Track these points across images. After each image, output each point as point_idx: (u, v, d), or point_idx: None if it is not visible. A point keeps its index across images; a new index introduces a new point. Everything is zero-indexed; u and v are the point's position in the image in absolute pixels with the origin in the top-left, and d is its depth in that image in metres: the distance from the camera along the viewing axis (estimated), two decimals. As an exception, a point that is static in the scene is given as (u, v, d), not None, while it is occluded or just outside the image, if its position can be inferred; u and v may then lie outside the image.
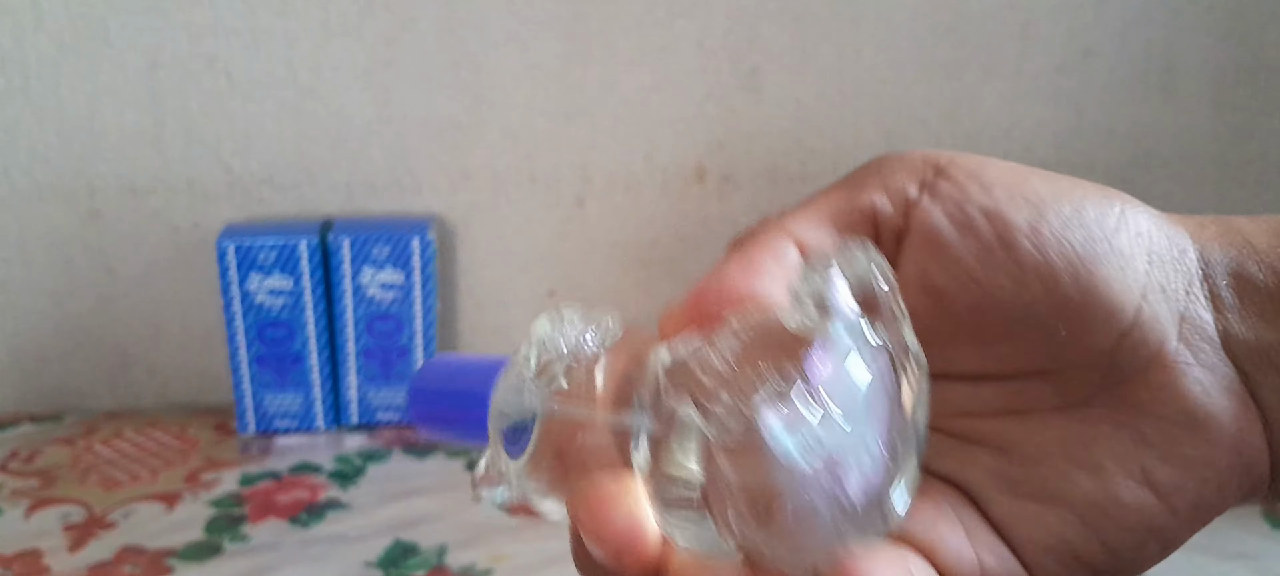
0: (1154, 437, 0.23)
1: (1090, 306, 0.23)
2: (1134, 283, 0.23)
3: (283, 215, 0.78)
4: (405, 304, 0.74)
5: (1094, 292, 0.23)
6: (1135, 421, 0.23)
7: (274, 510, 0.63)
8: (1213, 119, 0.86)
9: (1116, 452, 0.23)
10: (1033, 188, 0.24)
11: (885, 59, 0.81)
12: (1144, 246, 0.23)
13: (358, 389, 0.75)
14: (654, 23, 0.77)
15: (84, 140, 0.75)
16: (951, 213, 0.24)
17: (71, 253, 0.77)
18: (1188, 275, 0.23)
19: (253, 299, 0.72)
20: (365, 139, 0.77)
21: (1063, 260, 0.23)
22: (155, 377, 0.81)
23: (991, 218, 0.23)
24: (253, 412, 0.74)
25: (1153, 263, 0.23)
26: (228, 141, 0.76)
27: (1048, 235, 0.23)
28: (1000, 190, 0.24)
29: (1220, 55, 0.84)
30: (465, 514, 0.63)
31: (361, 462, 0.70)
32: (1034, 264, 0.23)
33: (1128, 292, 0.23)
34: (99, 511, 0.63)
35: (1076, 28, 0.82)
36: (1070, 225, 0.23)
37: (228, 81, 0.75)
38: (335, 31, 0.75)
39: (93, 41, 0.73)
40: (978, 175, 0.24)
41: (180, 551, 0.59)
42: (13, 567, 0.57)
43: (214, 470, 0.69)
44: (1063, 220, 0.23)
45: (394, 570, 0.57)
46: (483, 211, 0.80)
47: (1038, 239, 0.23)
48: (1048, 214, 0.23)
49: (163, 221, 0.77)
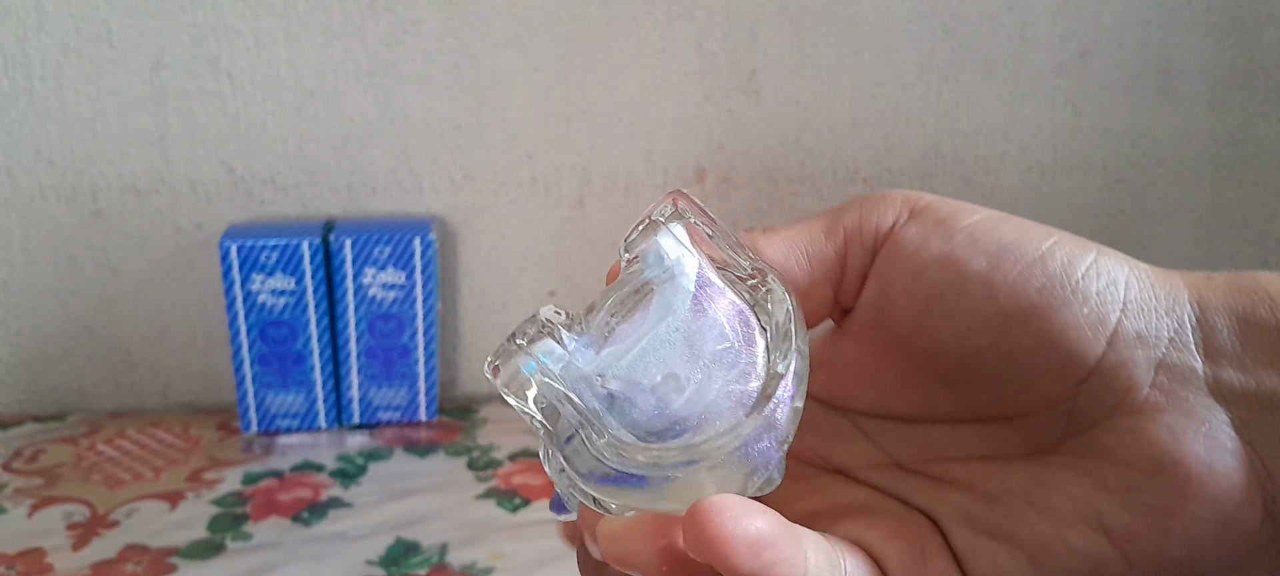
0: (1114, 483, 0.23)
1: (1045, 353, 0.23)
2: (1098, 330, 0.23)
3: (285, 216, 0.78)
4: (406, 304, 0.74)
5: (1049, 340, 0.23)
6: (1098, 467, 0.23)
7: (276, 509, 0.64)
8: (1209, 120, 0.86)
9: (1073, 496, 0.23)
10: (999, 235, 0.24)
11: (883, 61, 0.81)
12: (1117, 295, 0.23)
13: (359, 388, 0.76)
14: (654, 24, 0.78)
15: (87, 141, 0.75)
16: (908, 257, 0.24)
17: (75, 253, 0.77)
18: (1177, 323, 0.23)
19: (255, 299, 0.72)
20: (367, 140, 0.78)
21: (1015, 307, 0.23)
22: (158, 377, 0.81)
23: (946, 265, 0.24)
24: (255, 412, 0.74)
25: (1127, 311, 0.23)
26: (230, 142, 0.77)
27: (1001, 283, 0.23)
28: (962, 237, 0.24)
29: (1216, 56, 0.85)
30: (466, 512, 0.64)
31: (363, 461, 0.71)
32: (984, 312, 0.23)
33: (1089, 340, 0.23)
34: (102, 510, 0.63)
35: (1073, 29, 0.82)
36: (1030, 272, 0.23)
37: (230, 82, 0.76)
38: (337, 33, 0.75)
39: (96, 43, 0.74)
40: (948, 221, 0.24)
41: (183, 550, 0.59)
42: (16, 566, 0.58)
43: (216, 469, 0.69)
44: (1022, 267, 0.23)
45: (395, 568, 0.57)
46: (484, 212, 0.81)
47: (989, 287, 0.23)
48: (1006, 261, 0.23)
49: (166, 222, 0.77)
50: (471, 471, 0.69)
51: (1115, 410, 0.23)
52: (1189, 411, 0.22)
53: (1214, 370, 0.23)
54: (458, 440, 0.74)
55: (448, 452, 0.72)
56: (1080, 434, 0.23)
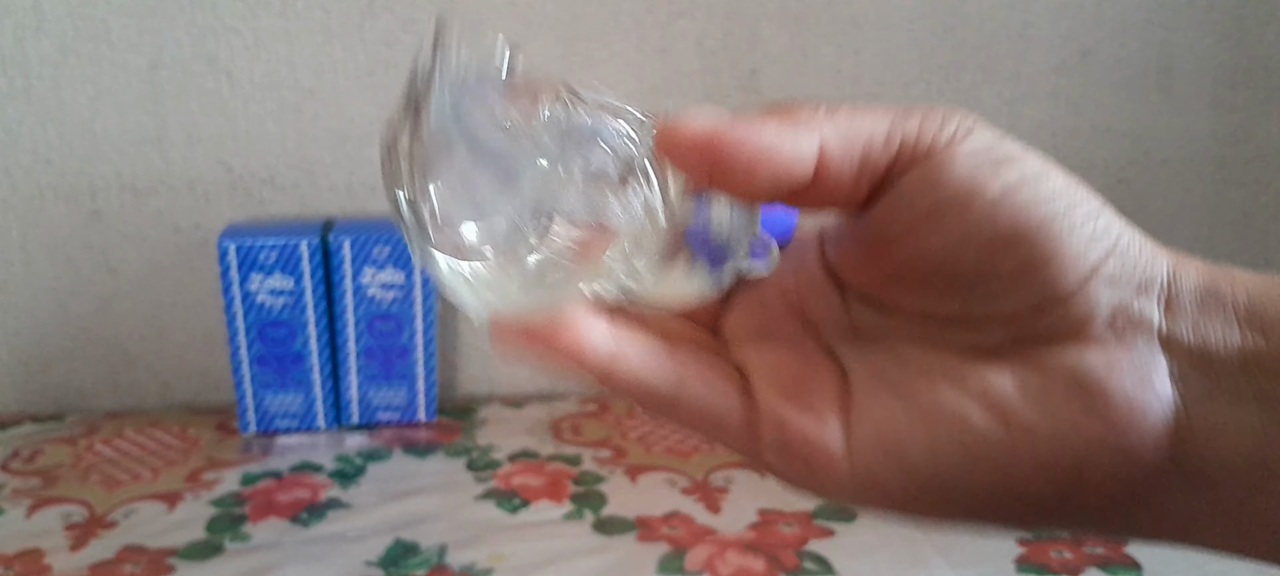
0: (1033, 387, 0.24)
1: (1022, 279, 0.23)
2: (1079, 267, 0.23)
3: (284, 215, 0.78)
4: (405, 304, 0.74)
5: (1031, 267, 0.23)
6: (1024, 372, 0.24)
7: (275, 509, 0.64)
8: (1210, 119, 0.86)
9: (990, 383, 0.24)
10: (1026, 167, 0.24)
11: (884, 60, 0.81)
12: (1108, 243, 0.24)
13: (358, 388, 0.75)
14: (654, 24, 0.78)
15: (86, 141, 0.75)
16: (935, 181, 0.24)
17: (73, 253, 0.77)
18: (1148, 279, 0.24)
19: (254, 299, 0.72)
20: (366, 139, 0.78)
21: (1010, 233, 0.23)
22: (156, 377, 0.81)
23: (965, 191, 0.24)
24: (253, 412, 0.74)
25: (1112, 255, 0.24)
26: (229, 142, 0.76)
27: (1005, 209, 0.23)
28: (987, 168, 0.24)
29: (1218, 55, 0.84)
30: (465, 513, 0.63)
31: (362, 462, 0.70)
32: (980, 235, 0.23)
33: (1068, 275, 0.23)
34: (100, 511, 0.63)
35: (1075, 28, 0.82)
36: (1035, 205, 0.23)
37: (229, 82, 0.75)
38: (336, 32, 0.75)
39: (94, 43, 0.73)
40: (988, 151, 0.24)
41: (181, 550, 0.59)
42: (14, 567, 0.57)
43: (215, 469, 0.69)
44: (1028, 199, 0.23)
45: (394, 569, 0.57)
46: (483, 212, 0.80)
47: (993, 212, 0.23)
48: (1017, 194, 0.23)
49: (164, 222, 0.77)
50: (471, 472, 0.69)
51: (1064, 336, 0.24)
52: (1131, 351, 0.23)
53: (1170, 323, 0.24)
54: (457, 441, 0.74)
55: (447, 453, 0.72)
56: (1024, 347, 0.24)
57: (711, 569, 0.57)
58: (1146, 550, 0.58)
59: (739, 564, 0.57)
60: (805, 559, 0.58)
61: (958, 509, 0.24)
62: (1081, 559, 0.58)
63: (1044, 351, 0.24)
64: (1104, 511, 0.24)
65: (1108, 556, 0.58)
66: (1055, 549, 0.59)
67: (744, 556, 0.58)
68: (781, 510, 0.63)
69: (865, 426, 0.25)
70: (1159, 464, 0.23)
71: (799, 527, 0.61)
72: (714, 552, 0.59)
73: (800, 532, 0.61)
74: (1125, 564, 0.57)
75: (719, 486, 0.67)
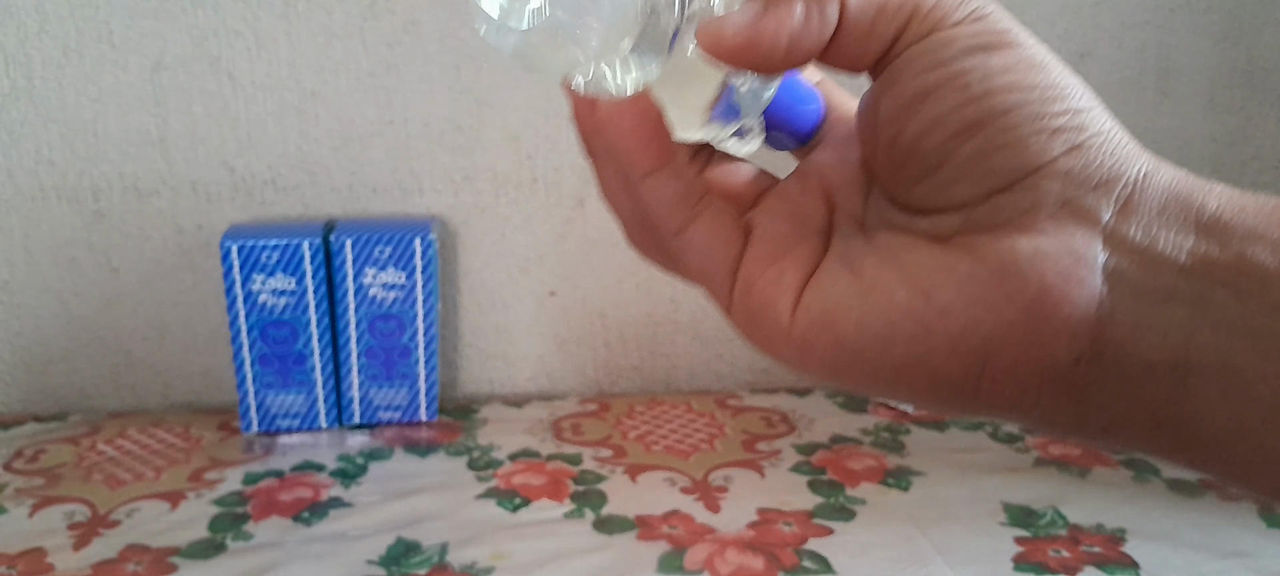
0: (959, 269, 0.24)
1: (976, 163, 0.24)
2: (1035, 159, 0.24)
3: (286, 216, 0.78)
4: (407, 304, 0.75)
5: (985, 152, 0.24)
6: (955, 256, 0.25)
7: (277, 508, 0.64)
8: (1208, 121, 0.86)
9: (922, 262, 0.25)
10: (1018, 55, 0.25)
11: (883, 61, 0.81)
12: (1074, 139, 0.24)
13: (360, 388, 0.76)
14: (654, 25, 0.78)
15: (88, 142, 0.75)
16: (929, 62, 0.25)
17: (76, 253, 0.78)
18: (1110, 178, 0.24)
19: (256, 299, 0.72)
20: (367, 140, 0.78)
21: (975, 118, 0.24)
22: (159, 377, 0.81)
23: (950, 78, 0.24)
24: (256, 412, 0.75)
25: (1075, 150, 0.24)
26: (231, 143, 0.77)
27: (979, 93, 0.24)
28: (978, 54, 0.24)
29: (1215, 58, 0.85)
30: (466, 512, 0.64)
31: (364, 461, 0.71)
32: (950, 119, 0.24)
33: (1017, 164, 0.24)
34: (103, 510, 0.64)
35: (1072, 30, 0.83)
36: (1009, 88, 0.24)
37: (231, 83, 0.76)
38: (338, 34, 0.76)
39: (97, 43, 0.74)
40: (989, 35, 0.25)
41: (184, 550, 0.59)
42: (17, 566, 0.58)
43: (217, 469, 0.69)
44: (1006, 83, 0.24)
45: (396, 568, 0.57)
46: (484, 212, 0.81)
47: (966, 94, 0.24)
48: (1001, 76, 0.24)
49: (167, 222, 0.78)
50: (472, 471, 0.69)
51: (1006, 225, 0.24)
52: (1066, 243, 0.23)
53: (1119, 221, 0.24)
54: (458, 440, 0.74)
55: (448, 452, 0.72)
56: (968, 234, 0.25)
57: (711, 567, 0.57)
58: (1144, 549, 0.59)
59: (738, 562, 0.58)
60: (804, 557, 0.58)
61: (879, 380, 0.26)
62: (1079, 558, 0.58)
63: (985, 238, 0.24)
64: (1016, 400, 0.24)
65: (1105, 555, 0.58)
66: (1053, 547, 0.59)
67: (743, 555, 0.58)
68: (781, 509, 0.64)
69: (813, 296, 0.26)
70: (1074, 357, 0.23)
71: (798, 526, 0.62)
72: (713, 551, 0.59)
73: (799, 531, 0.61)
74: (1123, 563, 0.58)
75: (718, 486, 0.67)
